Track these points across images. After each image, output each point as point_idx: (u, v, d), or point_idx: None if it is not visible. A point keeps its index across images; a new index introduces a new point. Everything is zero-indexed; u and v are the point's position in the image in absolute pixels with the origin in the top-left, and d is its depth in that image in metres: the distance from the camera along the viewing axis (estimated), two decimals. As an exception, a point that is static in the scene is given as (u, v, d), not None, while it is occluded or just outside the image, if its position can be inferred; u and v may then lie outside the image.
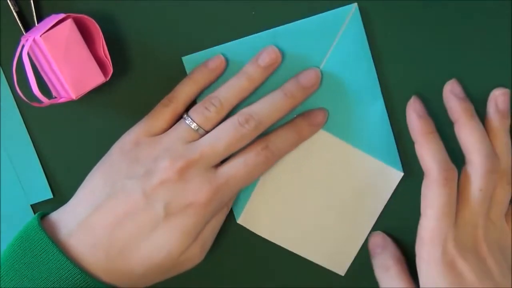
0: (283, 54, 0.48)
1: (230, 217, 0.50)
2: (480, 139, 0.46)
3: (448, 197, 0.45)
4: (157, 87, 0.49)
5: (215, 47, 0.49)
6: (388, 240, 0.50)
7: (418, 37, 0.49)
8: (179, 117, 0.48)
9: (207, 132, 0.46)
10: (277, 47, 0.48)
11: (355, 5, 0.48)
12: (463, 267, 0.44)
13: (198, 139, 0.46)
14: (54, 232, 0.45)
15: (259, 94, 0.48)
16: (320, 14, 0.48)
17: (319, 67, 0.49)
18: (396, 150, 0.50)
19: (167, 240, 0.44)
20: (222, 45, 0.49)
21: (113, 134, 0.48)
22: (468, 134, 0.46)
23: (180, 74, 0.49)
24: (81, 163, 0.48)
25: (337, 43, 0.48)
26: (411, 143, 0.47)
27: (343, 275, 0.50)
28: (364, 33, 0.48)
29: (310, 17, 0.48)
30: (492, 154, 0.46)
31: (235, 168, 0.46)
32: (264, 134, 0.48)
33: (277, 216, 0.50)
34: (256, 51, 0.48)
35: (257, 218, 0.51)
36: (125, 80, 0.49)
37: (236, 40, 0.49)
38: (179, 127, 0.47)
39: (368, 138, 0.49)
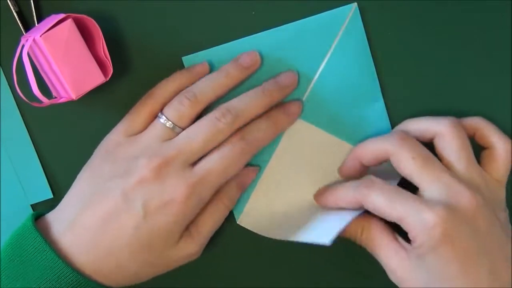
0: (283, 53, 0.48)
1: (230, 217, 0.50)
2: (435, 118, 0.46)
3: (414, 144, 0.44)
4: (157, 87, 0.49)
5: (215, 47, 0.49)
6: None
7: (418, 37, 0.49)
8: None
9: (183, 129, 0.46)
10: (277, 47, 0.48)
11: (355, 5, 0.48)
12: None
13: (175, 137, 0.46)
14: (48, 231, 0.45)
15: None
16: (320, 14, 0.48)
17: (318, 67, 0.49)
18: (396, 150, 0.50)
19: (150, 239, 0.44)
20: (222, 45, 0.49)
21: (113, 134, 0.48)
22: (425, 121, 0.46)
23: (180, 74, 0.49)
24: (81, 163, 0.48)
25: (337, 43, 0.48)
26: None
27: (328, 243, 0.44)
28: (364, 33, 0.48)
29: (310, 17, 0.48)
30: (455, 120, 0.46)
31: (211, 162, 0.45)
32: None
33: (277, 216, 0.50)
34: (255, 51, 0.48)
35: (257, 218, 0.50)
36: (125, 80, 0.49)
37: (236, 40, 0.49)
38: (155, 126, 0.46)
39: (368, 138, 0.49)
